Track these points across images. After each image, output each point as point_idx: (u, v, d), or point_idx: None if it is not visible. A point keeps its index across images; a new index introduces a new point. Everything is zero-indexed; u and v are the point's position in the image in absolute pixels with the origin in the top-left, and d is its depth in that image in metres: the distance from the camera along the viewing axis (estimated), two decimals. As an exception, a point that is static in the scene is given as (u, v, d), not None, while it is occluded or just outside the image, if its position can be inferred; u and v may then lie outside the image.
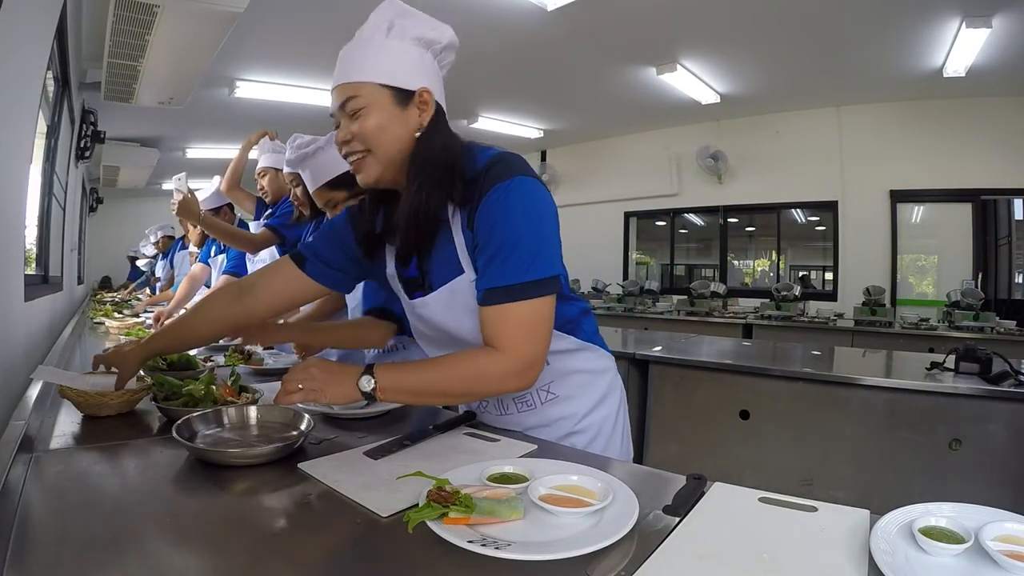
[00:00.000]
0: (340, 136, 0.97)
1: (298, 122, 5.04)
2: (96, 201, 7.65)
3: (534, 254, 0.90)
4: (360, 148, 0.96)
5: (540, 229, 0.92)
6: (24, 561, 0.58)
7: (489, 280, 0.91)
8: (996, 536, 0.58)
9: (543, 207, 0.93)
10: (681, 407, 2.61)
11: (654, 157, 6.60)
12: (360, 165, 0.98)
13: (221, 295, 1.21)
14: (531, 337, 0.90)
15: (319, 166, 1.65)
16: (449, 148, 0.97)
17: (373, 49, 0.95)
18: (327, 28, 3.63)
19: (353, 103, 0.94)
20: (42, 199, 3.05)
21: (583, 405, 1.10)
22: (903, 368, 2.42)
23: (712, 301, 5.58)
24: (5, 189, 1.44)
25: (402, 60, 0.95)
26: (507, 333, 0.90)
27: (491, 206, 0.91)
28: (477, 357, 0.91)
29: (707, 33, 3.97)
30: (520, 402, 1.09)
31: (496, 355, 0.90)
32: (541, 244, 0.91)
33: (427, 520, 0.63)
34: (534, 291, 0.89)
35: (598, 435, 1.10)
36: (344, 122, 0.97)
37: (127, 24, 2.66)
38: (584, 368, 1.11)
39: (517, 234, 0.89)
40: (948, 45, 3.90)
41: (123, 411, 1.13)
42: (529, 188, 0.92)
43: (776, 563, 0.58)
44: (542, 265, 0.90)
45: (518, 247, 0.89)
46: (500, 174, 0.91)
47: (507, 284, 0.89)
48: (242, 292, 1.17)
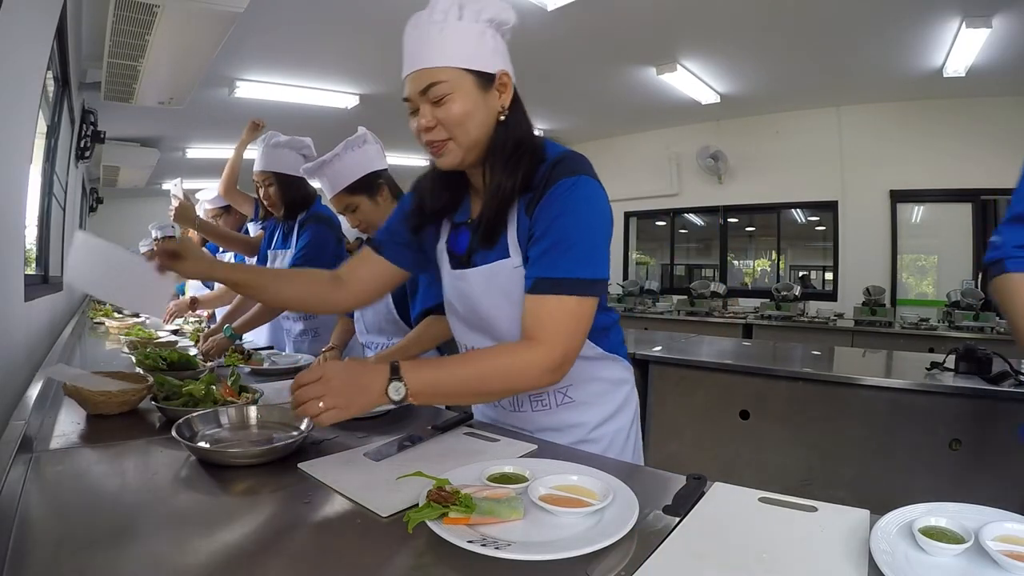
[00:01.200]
0: (423, 123, 0.94)
1: (298, 122, 5.05)
2: (96, 201, 7.64)
3: (589, 253, 0.91)
4: (444, 135, 0.95)
5: (598, 231, 0.93)
6: (24, 561, 0.58)
7: (542, 270, 0.91)
8: (996, 536, 0.58)
9: (604, 211, 0.95)
10: (681, 407, 2.61)
11: (654, 157, 6.60)
12: (442, 150, 0.96)
13: (317, 277, 1.18)
14: (572, 333, 0.90)
15: (336, 173, 1.68)
16: (529, 131, 0.99)
17: (450, 33, 0.93)
18: (327, 28, 3.63)
19: (437, 89, 0.92)
20: (42, 199, 3.05)
21: (597, 414, 1.10)
22: (903, 368, 2.41)
23: (712, 301, 5.58)
24: (5, 189, 1.44)
25: (480, 43, 0.94)
26: (550, 324, 0.89)
27: (555, 199, 0.92)
28: (515, 350, 0.90)
29: (707, 33, 3.97)
30: (536, 400, 1.09)
31: (535, 347, 0.89)
32: (596, 246, 0.92)
33: (427, 520, 0.63)
34: (583, 289, 0.89)
35: (609, 447, 1.10)
36: (426, 108, 0.94)
37: (127, 24, 2.66)
38: (604, 377, 1.10)
39: (577, 231, 0.91)
40: (948, 45, 3.89)
41: (124, 410, 1.14)
42: (594, 190, 0.94)
43: (776, 563, 0.58)
44: (595, 266, 0.91)
45: (576, 243, 0.90)
46: (569, 170, 0.93)
47: (560, 277, 0.89)
48: (336, 280, 1.16)
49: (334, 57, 4.17)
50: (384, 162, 1.77)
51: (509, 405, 1.12)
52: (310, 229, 2.05)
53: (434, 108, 0.93)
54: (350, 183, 1.68)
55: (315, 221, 2.07)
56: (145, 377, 1.26)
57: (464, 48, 0.93)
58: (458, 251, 1.06)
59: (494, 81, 0.95)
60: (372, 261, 1.16)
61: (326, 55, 4.13)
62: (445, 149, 0.96)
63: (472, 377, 0.89)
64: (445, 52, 0.92)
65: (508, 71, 0.97)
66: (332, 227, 2.10)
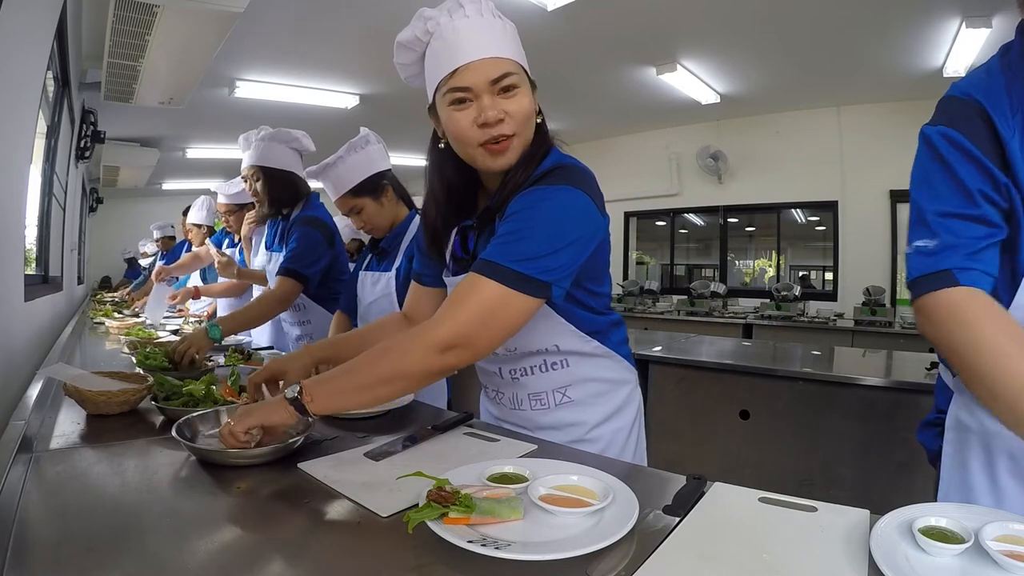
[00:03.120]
0: (491, 115, 0.88)
1: (298, 122, 5.04)
2: (96, 201, 7.64)
3: (539, 253, 0.85)
4: (510, 130, 0.90)
5: (559, 237, 0.87)
6: (24, 561, 0.58)
7: (487, 252, 0.88)
8: (996, 536, 0.58)
9: (577, 222, 0.89)
10: (681, 407, 2.61)
11: (654, 157, 6.60)
12: (505, 147, 0.91)
13: (391, 324, 1.25)
14: (478, 318, 0.83)
15: (339, 176, 1.67)
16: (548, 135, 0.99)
17: (499, 28, 0.90)
18: (327, 28, 3.62)
19: (510, 79, 0.89)
20: (42, 199, 3.05)
21: (596, 414, 1.09)
22: (903, 368, 2.41)
23: (712, 301, 5.58)
24: (5, 189, 1.44)
25: (518, 42, 0.93)
26: (459, 302, 0.85)
27: (527, 197, 0.90)
28: (403, 333, 0.88)
29: (707, 33, 3.96)
30: (535, 399, 1.09)
31: (424, 326, 0.85)
32: (551, 250, 0.86)
33: (427, 520, 0.63)
34: (515, 282, 0.84)
35: (608, 447, 1.09)
36: (490, 100, 0.88)
37: (127, 24, 2.66)
38: (602, 377, 1.09)
39: (536, 227, 0.87)
40: (948, 45, 3.89)
41: (124, 410, 1.14)
42: (571, 199, 0.90)
43: (776, 563, 0.58)
44: (540, 267, 0.85)
45: (529, 238, 0.86)
46: (555, 179, 0.91)
47: (496, 262, 0.85)
48: (408, 320, 1.22)
49: (334, 57, 4.17)
50: (387, 162, 1.77)
51: (509, 403, 1.12)
52: (297, 232, 2.03)
53: (503, 100, 0.89)
54: (353, 186, 1.67)
55: (303, 223, 2.04)
56: (145, 377, 1.26)
57: (516, 45, 0.92)
58: (463, 253, 1.06)
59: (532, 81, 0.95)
60: (424, 293, 1.20)
61: (326, 55, 4.12)
62: (510, 146, 0.92)
63: (361, 363, 0.85)
64: (505, 45, 0.90)
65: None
66: (322, 228, 2.06)
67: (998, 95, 0.73)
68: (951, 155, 0.74)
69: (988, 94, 0.73)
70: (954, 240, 0.73)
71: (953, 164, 0.74)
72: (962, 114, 0.74)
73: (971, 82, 0.76)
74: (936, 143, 0.76)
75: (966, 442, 0.81)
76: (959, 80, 0.78)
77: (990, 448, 0.78)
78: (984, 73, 0.76)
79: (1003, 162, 0.72)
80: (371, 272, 1.86)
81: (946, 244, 0.73)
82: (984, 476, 0.77)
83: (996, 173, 0.72)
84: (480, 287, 0.84)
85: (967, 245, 0.72)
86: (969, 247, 0.72)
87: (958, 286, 0.71)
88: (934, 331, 0.73)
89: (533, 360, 1.06)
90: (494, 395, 1.16)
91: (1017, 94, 0.73)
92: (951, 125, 0.74)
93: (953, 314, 0.70)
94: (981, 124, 0.73)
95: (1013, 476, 0.75)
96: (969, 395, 0.79)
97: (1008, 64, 0.75)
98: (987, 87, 0.74)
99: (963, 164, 0.73)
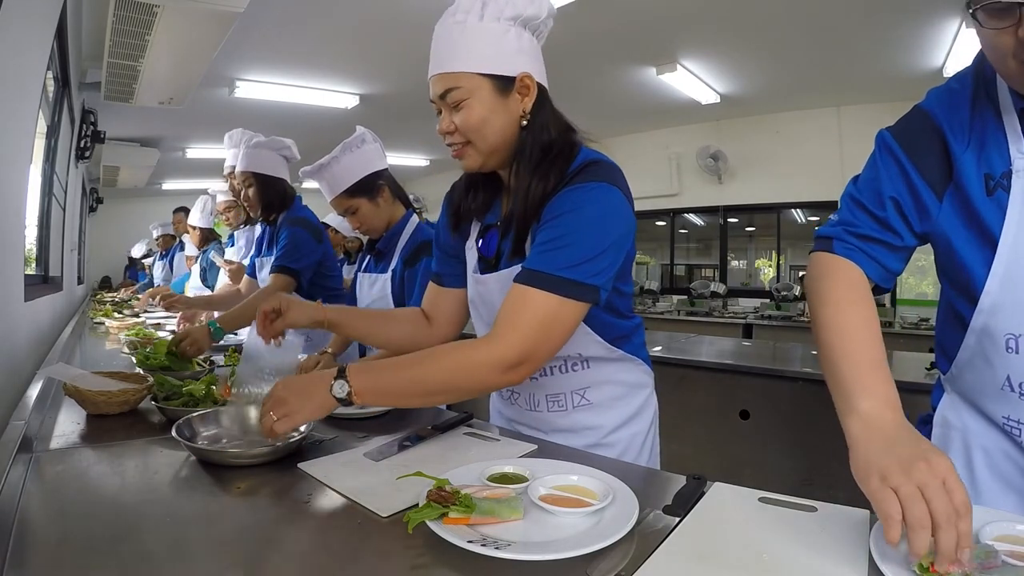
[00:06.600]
0: (443, 126, 0.95)
1: (298, 122, 5.05)
2: (96, 201, 7.65)
3: (585, 257, 0.86)
4: (462, 140, 0.95)
5: (603, 238, 0.88)
6: (24, 561, 0.58)
7: (531, 262, 0.88)
8: (996, 536, 0.58)
9: (616, 220, 0.90)
10: (681, 407, 2.60)
11: (654, 157, 6.60)
12: (461, 154, 0.97)
13: (409, 316, 1.22)
14: (539, 333, 0.84)
15: (334, 176, 1.66)
16: (561, 134, 0.97)
17: (469, 35, 0.91)
18: (327, 28, 3.62)
19: (454, 95, 0.92)
20: (42, 199, 3.05)
21: (613, 418, 1.08)
22: (903, 368, 2.41)
23: (712, 301, 5.59)
24: (5, 189, 1.44)
25: (501, 44, 0.92)
26: (516, 317, 0.85)
27: (566, 198, 0.90)
28: (468, 347, 0.86)
29: (707, 33, 3.96)
30: (552, 401, 1.08)
31: (491, 343, 0.84)
32: (597, 252, 0.87)
33: (427, 520, 0.63)
34: (567, 290, 0.85)
35: (625, 451, 1.08)
36: (445, 112, 0.94)
37: (127, 24, 2.66)
38: (621, 380, 1.09)
39: (580, 231, 0.87)
40: (948, 45, 3.89)
41: (124, 410, 1.14)
42: (609, 197, 0.90)
43: (776, 563, 0.58)
44: (588, 271, 0.86)
45: (575, 244, 0.87)
46: (589, 175, 0.91)
47: (548, 272, 0.85)
48: (425, 318, 1.21)
49: (334, 57, 4.17)
50: (384, 162, 1.75)
51: (525, 404, 1.12)
52: (285, 232, 2.04)
53: (452, 112, 0.93)
54: (348, 186, 1.66)
55: (290, 224, 2.05)
56: (145, 377, 1.26)
57: (483, 51, 0.91)
58: (487, 253, 1.06)
59: (514, 84, 0.93)
60: (443, 294, 1.18)
61: (326, 55, 4.12)
62: (464, 153, 0.96)
63: (416, 377, 0.85)
64: (463, 56, 0.91)
65: (532, 72, 0.94)
66: (309, 227, 2.08)
67: (960, 108, 0.75)
68: (883, 159, 0.82)
69: (950, 108, 0.77)
70: (850, 220, 0.83)
71: (880, 168, 0.82)
72: (917, 126, 0.79)
73: (939, 95, 0.80)
74: (878, 144, 0.84)
75: (948, 438, 0.85)
76: (939, 86, 0.81)
77: (968, 444, 0.82)
78: (956, 83, 0.78)
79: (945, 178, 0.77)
80: (368, 274, 1.86)
81: (842, 221, 0.84)
82: (963, 470, 0.81)
83: (921, 190, 0.78)
84: (532, 299, 0.85)
85: (858, 229, 0.82)
86: (859, 232, 0.82)
87: (832, 253, 0.83)
88: (806, 284, 0.86)
89: (554, 361, 1.06)
90: (508, 396, 1.15)
91: (981, 103, 0.74)
92: (898, 134, 0.81)
93: (816, 268, 0.83)
94: (930, 141, 0.77)
95: (988, 468, 0.80)
96: (957, 394, 0.84)
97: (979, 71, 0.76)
98: (950, 102, 0.77)
99: (889, 170, 0.81)
